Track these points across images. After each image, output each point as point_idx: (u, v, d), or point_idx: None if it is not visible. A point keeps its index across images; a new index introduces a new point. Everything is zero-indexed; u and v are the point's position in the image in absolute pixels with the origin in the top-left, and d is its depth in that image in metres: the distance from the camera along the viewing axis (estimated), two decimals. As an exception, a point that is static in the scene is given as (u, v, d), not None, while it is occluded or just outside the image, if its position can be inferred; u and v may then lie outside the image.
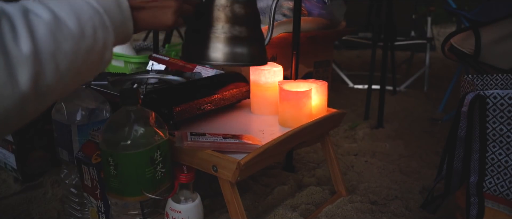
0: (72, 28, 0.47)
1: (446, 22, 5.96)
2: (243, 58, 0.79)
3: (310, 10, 1.50)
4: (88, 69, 0.52)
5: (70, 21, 0.48)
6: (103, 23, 0.53)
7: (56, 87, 0.46)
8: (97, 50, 0.52)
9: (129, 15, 0.59)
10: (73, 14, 0.49)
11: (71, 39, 0.47)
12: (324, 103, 1.00)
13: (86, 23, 0.50)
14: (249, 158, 0.76)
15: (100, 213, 0.85)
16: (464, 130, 0.74)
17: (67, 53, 0.46)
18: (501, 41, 1.16)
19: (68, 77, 0.47)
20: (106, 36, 0.53)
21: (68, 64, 0.46)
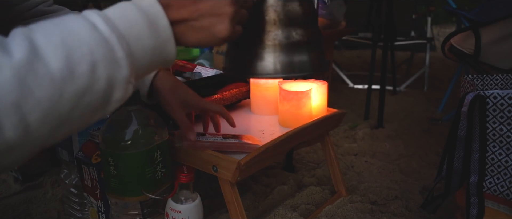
0: (53, 69, 0.37)
1: (446, 22, 5.96)
2: (305, 67, 0.65)
3: (310, 10, 1.50)
4: (85, 114, 0.42)
5: (53, 59, 0.38)
6: (112, 56, 0.42)
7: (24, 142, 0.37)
8: (97, 92, 0.41)
9: (169, 36, 0.47)
10: (62, 48, 0.39)
11: (49, 83, 0.37)
12: (324, 103, 1.00)
13: (80, 60, 0.39)
14: (249, 158, 0.76)
15: (100, 213, 0.85)
16: (464, 130, 0.74)
17: (40, 101, 0.37)
18: (501, 41, 1.16)
19: (47, 127, 0.38)
20: (114, 72, 0.42)
21: (43, 114, 0.37)
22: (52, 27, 0.40)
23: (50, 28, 0.40)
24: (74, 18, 0.42)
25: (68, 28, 0.40)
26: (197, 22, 0.51)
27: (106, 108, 0.44)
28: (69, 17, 0.42)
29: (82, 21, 0.42)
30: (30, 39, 0.38)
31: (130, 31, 0.44)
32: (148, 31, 0.45)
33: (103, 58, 0.41)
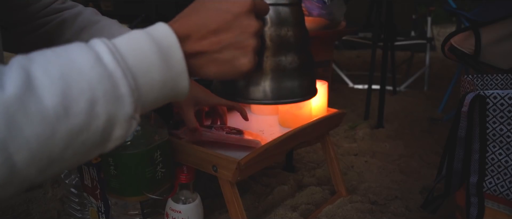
0: (47, 105, 0.34)
1: (446, 22, 5.96)
2: (295, 93, 0.61)
3: (310, 10, 1.50)
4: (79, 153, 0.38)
5: (48, 95, 0.35)
6: (114, 93, 0.38)
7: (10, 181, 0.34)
8: (95, 130, 0.38)
9: (182, 69, 0.43)
10: (60, 82, 0.35)
11: (41, 121, 0.34)
12: (324, 103, 1.00)
13: (77, 97, 0.36)
14: (249, 158, 0.76)
15: (100, 213, 0.85)
16: (464, 130, 0.74)
17: (29, 140, 0.34)
18: (501, 41, 1.16)
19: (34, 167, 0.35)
20: (115, 110, 0.38)
21: (32, 154, 0.34)
22: (53, 58, 0.37)
23: (51, 59, 0.37)
24: (79, 48, 0.39)
25: (70, 60, 0.37)
26: (219, 54, 0.47)
27: (104, 146, 0.40)
28: (73, 47, 0.39)
29: (86, 52, 0.38)
30: (27, 71, 0.35)
31: (139, 63, 0.40)
32: (160, 64, 0.41)
33: (104, 95, 0.37)
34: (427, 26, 3.09)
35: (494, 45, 1.17)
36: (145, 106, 0.42)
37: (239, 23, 0.46)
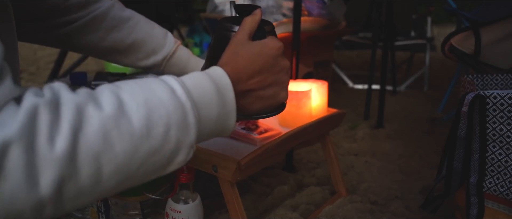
0: (135, 126, 0.40)
1: (446, 22, 5.96)
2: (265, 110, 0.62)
3: (310, 10, 1.50)
4: (146, 174, 0.43)
5: (136, 118, 0.40)
6: (184, 121, 0.44)
7: (91, 192, 0.39)
8: (165, 153, 0.43)
9: (232, 109, 0.49)
10: (145, 108, 0.41)
11: (129, 140, 0.39)
12: (324, 103, 1.00)
13: (158, 121, 0.42)
14: (249, 158, 0.76)
15: (100, 213, 0.85)
16: (464, 130, 0.74)
17: (117, 155, 0.39)
18: (501, 41, 1.16)
19: (112, 182, 0.40)
20: (183, 137, 0.44)
21: (116, 167, 0.39)
22: (137, 87, 0.43)
23: (135, 87, 0.43)
24: (156, 81, 0.45)
25: (151, 90, 0.43)
26: (264, 91, 0.54)
27: (166, 169, 0.45)
28: (151, 80, 0.45)
29: (163, 85, 0.44)
30: (117, 96, 0.40)
31: (201, 99, 0.46)
32: (217, 102, 0.48)
33: (177, 122, 0.43)
34: (427, 26, 3.09)
35: (494, 45, 1.17)
36: (201, 138, 0.48)
37: (277, 63, 0.55)
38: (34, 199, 0.35)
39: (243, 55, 0.53)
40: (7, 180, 0.33)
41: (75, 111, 0.37)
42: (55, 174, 0.35)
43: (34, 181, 0.34)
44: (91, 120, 0.37)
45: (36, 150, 0.34)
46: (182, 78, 0.47)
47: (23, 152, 0.34)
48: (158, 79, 0.45)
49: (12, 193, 0.34)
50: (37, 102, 0.36)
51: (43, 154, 0.34)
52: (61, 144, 0.35)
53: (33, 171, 0.34)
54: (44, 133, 0.35)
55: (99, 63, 3.11)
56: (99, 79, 0.99)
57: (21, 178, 0.34)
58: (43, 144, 0.35)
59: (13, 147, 0.33)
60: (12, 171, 0.33)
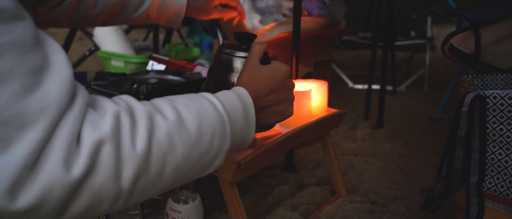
0: (191, 133, 0.47)
1: (446, 22, 5.95)
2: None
3: (310, 10, 1.50)
4: (192, 174, 0.50)
5: (191, 125, 0.47)
6: (223, 131, 0.52)
7: (153, 187, 0.45)
8: (208, 157, 0.50)
9: (253, 123, 0.58)
10: (197, 118, 0.48)
11: (187, 144, 0.46)
12: (324, 103, 1.00)
13: (207, 130, 0.49)
14: (249, 158, 0.76)
15: (100, 213, 0.85)
16: (464, 130, 0.74)
17: (178, 157, 0.45)
18: (501, 41, 1.16)
19: (170, 179, 0.46)
20: (222, 144, 0.52)
21: (175, 168, 0.45)
22: (187, 100, 0.50)
23: (187, 101, 0.50)
24: (200, 96, 0.53)
25: (198, 103, 0.51)
26: (277, 107, 0.64)
27: (205, 172, 0.52)
28: (196, 95, 0.53)
29: (207, 100, 0.52)
30: (175, 107, 0.47)
31: (232, 113, 0.54)
32: (243, 116, 0.56)
33: (219, 132, 0.51)
34: (427, 26, 3.09)
35: (494, 45, 1.17)
36: (231, 147, 0.55)
37: (286, 84, 0.65)
38: (116, 191, 0.40)
39: (260, 77, 0.62)
40: (99, 172, 0.38)
41: (148, 117, 0.44)
42: (134, 170, 0.41)
43: (119, 175, 0.40)
44: (160, 126, 0.44)
45: (122, 148, 0.40)
46: (216, 95, 0.55)
47: (113, 150, 0.39)
48: (201, 96, 0.53)
49: (101, 184, 0.39)
50: (118, 109, 0.42)
51: (127, 152, 0.40)
52: (140, 144, 0.41)
53: (119, 166, 0.40)
54: (127, 134, 0.41)
55: (99, 63, 3.11)
56: (99, 79, 1.00)
57: (110, 171, 0.39)
58: (127, 143, 0.40)
59: (106, 145, 0.39)
60: (103, 165, 0.39)
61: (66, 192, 0.37)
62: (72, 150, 0.37)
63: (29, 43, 0.38)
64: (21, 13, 0.38)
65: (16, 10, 0.38)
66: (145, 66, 1.90)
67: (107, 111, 0.41)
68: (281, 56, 1.42)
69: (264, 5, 1.38)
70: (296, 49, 1.20)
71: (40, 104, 0.36)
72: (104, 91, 0.93)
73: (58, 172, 0.36)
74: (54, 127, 0.37)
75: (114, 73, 1.07)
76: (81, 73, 0.83)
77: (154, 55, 1.29)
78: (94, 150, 0.38)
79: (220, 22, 1.39)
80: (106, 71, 1.07)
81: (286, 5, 1.42)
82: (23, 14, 0.39)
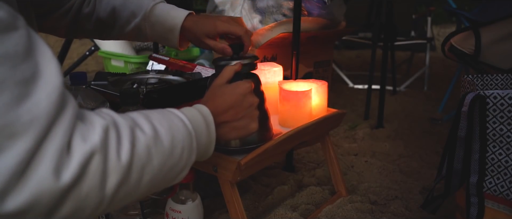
0: (165, 146, 0.50)
1: (446, 22, 5.95)
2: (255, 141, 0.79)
3: (310, 10, 1.50)
4: (163, 184, 0.53)
5: (165, 139, 0.51)
6: (191, 145, 0.56)
7: (131, 195, 0.47)
8: (178, 168, 0.54)
9: (214, 138, 0.62)
10: (170, 132, 0.52)
11: (162, 156, 0.50)
12: (324, 103, 1.00)
13: (178, 144, 0.52)
14: (249, 158, 0.76)
15: (100, 213, 0.85)
16: (464, 130, 0.74)
17: (154, 168, 0.48)
18: (501, 41, 1.16)
19: (146, 188, 0.49)
20: (189, 157, 0.56)
21: (151, 178, 0.48)
22: (160, 116, 0.53)
23: (160, 117, 0.53)
24: (171, 113, 0.56)
25: (170, 119, 0.54)
26: (237, 122, 0.66)
27: (172, 182, 0.55)
28: (167, 111, 0.56)
29: (177, 116, 0.56)
30: (151, 122, 0.50)
31: (197, 129, 0.58)
32: (206, 132, 0.60)
33: (188, 146, 0.55)
34: (427, 26, 3.09)
35: (494, 45, 1.17)
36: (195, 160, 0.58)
37: (246, 100, 0.67)
38: (99, 198, 0.43)
39: (220, 95, 0.66)
40: (86, 182, 0.41)
41: (130, 131, 0.46)
42: (117, 179, 0.44)
43: (104, 184, 0.42)
44: (140, 139, 0.47)
45: (109, 159, 0.43)
46: (183, 111, 0.58)
47: (101, 161, 0.42)
48: (171, 112, 0.57)
49: (87, 192, 0.41)
50: (106, 122, 0.44)
51: (113, 163, 0.43)
52: (124, 156, 0.44)
53: (105, 176, 0.42)
54: (114, 146, 0.44)
55: (99, 63, 3.11)
56: (99, 79, 1.00)
57: (97, 181, 0.42)
58: (114, 155, 0.43)
59: (96, 156, 0.41)
60: (91, 175, 0.41)
61: (55, 198, 0.39)
62: (62, 159, 0.39)
63: (20, 54, 0.38)
64: (15, 22, 0.39)
65: (9, 20, 0.38)
66: (145, 66, 1.89)
67: (95, 124, 0.43)
68: (281, 56, 1.42)
69: (264, 5, 1.38)
70: (296, 49, 1.20)
71: (30, 114, 0.37)
72: (104, 91, 0.93)
73: (48, 180, 0.38)
74: (44, 137, 0.38)
75: (114, 73, 1.07)
76: (81, 73, 0.83)
77: (154, 55, 1.29)
78: (85, 160, 0.40)
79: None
80: (106, 71, 1.07)
81: (286, 5, 1.42)
82: (17, 22, 0.39)
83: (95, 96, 0.87)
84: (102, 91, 0.92)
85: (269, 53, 1.37)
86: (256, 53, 1.32)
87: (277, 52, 1.42)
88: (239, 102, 0.66)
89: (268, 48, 1.35)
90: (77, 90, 0.81)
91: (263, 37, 1.32)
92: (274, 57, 1.43)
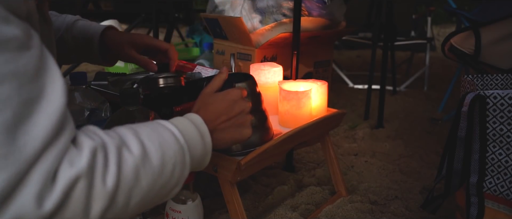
0: (155, 165, 0.48)
1: (446, 22, 5.95)
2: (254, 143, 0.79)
3: (310, 10, 1.50)
4: (154, 202, 0.52)
5: (155, 158, 0.49)
6: (183, 161, 0.54)
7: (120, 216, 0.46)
8: (169, 186, 0.52)
9: (209, 149, 0.60)
10: (160, 150, 0.50)
11: (151, 176, 0.48)
12: (324, 103, 1.00)
13: (169, 161, 0.50)
14: (249, 158, 0.76)
15: (100, 213, 0.85)
16: (464, 130, 0.74)
17: (142, 189, 0.47)
18: (501, 41, 1.16)
19: (135, 209, 0.48)
20: (182, 173, 0.54)
21: (140, 199, 0.47)
22: (150, 131, 0.51)
23: (149, 131, 0.51)
24: (161, 126, 0.54)
25: (160, 134, 0.52)
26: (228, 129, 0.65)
27: (164, 199, 0.54)
28: (157, 125, 0.54)
29: (167, 130, 0.53)
30: (140, 139, 0.48)
31: (191, 141, 0.56)
32: (200, 144, 0.58)
33: (180, 162, 0.53)
34: (427, 26, 3.09)
35: (494, 45, 1.17)
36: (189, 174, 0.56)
37: (237, 106, 0.67)
38: None
39: (211, 103, 0.66)
40: (69, 208, 0.40)
41: (117, 153, 0.45)
42: (102, 205, 0.42)
43: (88, 211, 0.41)
44: (127, 161, 0.45)
45: (94, 185, 0.41)
46: (174, 123, 0.56)
47: (85, 187, 0.40)
48: (161, 125, 0.54)
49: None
50: (95, 145, 0.43)
51: (98, 189, 0.42)
52: (110, 181, 0.43)
53: (89, 203, 0.41)
54: (100, 171, 0.42)
55: (99, 63, 3.11)
56: (99, 79, 0.99)
57: (80, 208, 0.40)
58: (99, 181, 0.42)
59: (80, 181, 0.40)
60: (75, 202, 0.40)
61: None
62: (46, 186, 0.38)
63: (30, 74, 0.39)
64: (29, 42, 0.39)
65: (24, 39, 0.39)
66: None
67: (84, 147, 0.42)
68: (281, 56, 1.42)
69: (264, 5, 1.38)
70: (296, 49, 1.20)
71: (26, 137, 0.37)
72: (104, 91, 0.93)
73: (29, 207, 0.37)
74: (34, 161, 0.37)
75: (114, 73, 1.06)
76: (80, 73, 0.83)
77: (154, 55, 1.28)
78: (68, 187, 0.39)
79: (220, 23, 1.39)
80: (106, 71, 1.07)
81: (286, 5, 1.42)
82: (31, 42, 0.40)
83: (95, 96, 0.87)
84: (102, 91, 0.92)
85: (269, 53, 1.37)
86: (256, 53, 1.32)
87: (277, 52, 1.42)
88: (230, 108, 0.66)
89: (268, 48, 1.35)
90: (77, 90, 0.81)
91: (263, 37, 1.31)
92: (274, 57, 1.43)
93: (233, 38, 1.38)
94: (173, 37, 2.85)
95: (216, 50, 1.52)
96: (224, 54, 1.46)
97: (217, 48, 1.51)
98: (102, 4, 2.73)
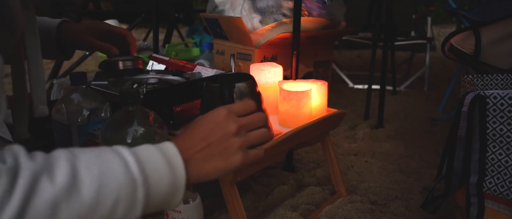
0: (84, 198, 0.41)
1: (446, 22, 5.96)
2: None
3: (310, 10, 1.50)
4: None
5: (87, 190, 0.41)
6: (132, 196, 0.45)
7: None
8: None
9: (181, 185, 0.50)
10: (97, 181, 0.42)
11: (77, 211, 0.41)
12: (324, 103, 1.00)
13: (107, 195, 0.43)
14: (249, 158, 0.75)
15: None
16: (464, 130, 0.74)
17: None
18: (501, 41, 1.16)
19: None
20: (129, 211, 0.45)
21: None
22: (93, 158, 0.44)
23: (92, 158, 0.44)
24: (113, 153, 0.46)
25: (105, 161, 0.44)
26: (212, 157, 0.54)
27: None
28: (109, 152, 0.46)
29: (117, 158, 0.45)
30: (73, 166, 0.42)
31: (153, 174, 0.47)
32: (168, 178, 0.48)
33: (126, 197, 0.44)
34: (427, 26, 3.09)
35: (494, 45, 1.17)
36: (146, 211, 0.48)
37: (219, 128, 0.55)
38: None
39: (191, 127, 0.56)
40: None
41: (31, 180, 0.38)
42: None
43: None
44: (43, 191, 0.39)
45: None
46: (136, 151, 0.48)
47: None
48: (114, 151, 0.47)
49: None
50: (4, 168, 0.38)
51: None
52: (9, 213, 0.36)
53: None
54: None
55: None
56: (99, 79, 0.99)
57: None
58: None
59: None
60: None
61: None
62: None
63: None
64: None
65: None
66: (145, 66, 1.89)
67: None
68: (281, 56, 1.42)
69: (264, 5, 1.38)
70: (296, 49, 1.20)
71: None
72: (104, 91, 0.93)
73: None
74: None
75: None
76: (81, 73, 0.83)
77: (154, 55, 1.29)
78: None
79: (220, 23, 1.39)
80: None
81: (286, 5, 1.42)
82: None
83: (95, 96, 0.87)
84: (102, 91, 0.92)
85: (269, 53, 1.37)
86: (256, 53, 1.32)
87: (277, 52, 1.42)
88: (210, 132, 0.54)
89: (268, 48, 1.35)
90: (77, 90, 0.81)
91: (263, 37, 1.31)
92: (274, 57, 1.43)
93: (233, 38, 1.38)
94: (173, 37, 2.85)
95: (216, 50, 1.52)
96: (224, 54, 1.46)
97: (217, 48, 1.51)
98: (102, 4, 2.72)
